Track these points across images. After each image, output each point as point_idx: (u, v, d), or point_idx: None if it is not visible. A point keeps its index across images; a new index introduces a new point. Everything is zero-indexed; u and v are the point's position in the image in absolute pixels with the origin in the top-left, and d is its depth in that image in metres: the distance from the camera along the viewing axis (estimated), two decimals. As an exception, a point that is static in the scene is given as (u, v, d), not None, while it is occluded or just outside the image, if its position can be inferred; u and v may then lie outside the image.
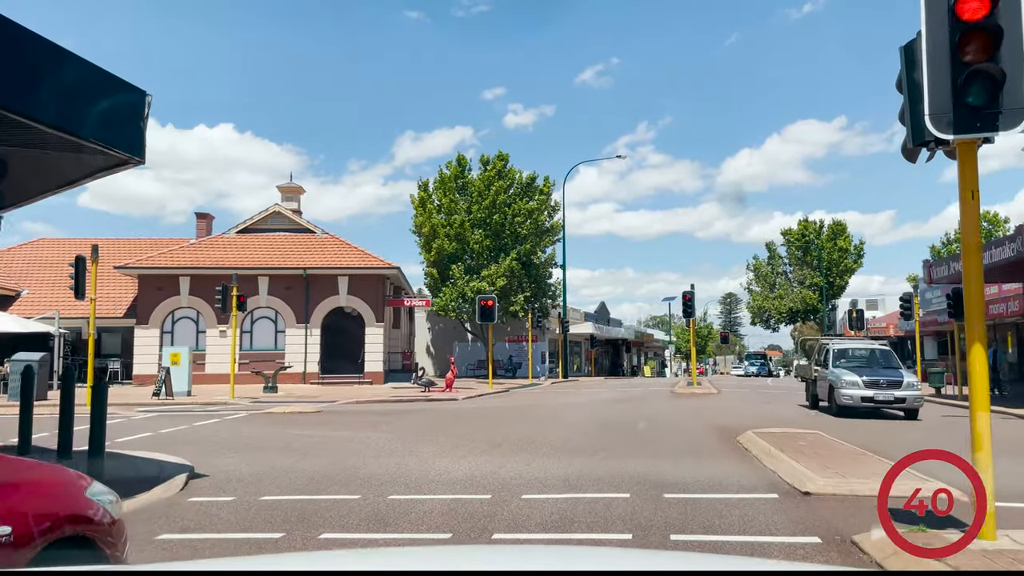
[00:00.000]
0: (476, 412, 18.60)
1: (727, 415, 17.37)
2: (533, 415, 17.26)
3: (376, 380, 32.64)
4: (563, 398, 24.77)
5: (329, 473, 9.71)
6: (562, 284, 48.77)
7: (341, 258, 33.41)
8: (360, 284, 32.99)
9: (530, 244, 45.14)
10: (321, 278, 32.86)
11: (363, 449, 11.81)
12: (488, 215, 44.39)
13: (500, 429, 14.39)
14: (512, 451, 11.30)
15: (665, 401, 22.85)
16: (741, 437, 12.06)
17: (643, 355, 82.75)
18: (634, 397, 25.10)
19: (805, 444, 10.50)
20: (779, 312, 67.94)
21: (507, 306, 44.01)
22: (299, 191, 37.89)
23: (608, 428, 14.54)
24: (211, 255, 33.08)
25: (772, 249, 70.52)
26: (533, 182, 46.89)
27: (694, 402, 22.17)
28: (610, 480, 8.72)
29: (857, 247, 67.74)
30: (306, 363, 32.53)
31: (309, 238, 35.00)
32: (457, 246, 44.17)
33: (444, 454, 11.07)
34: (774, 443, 10.53)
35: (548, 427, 14.74)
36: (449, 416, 17.54)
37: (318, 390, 29.35)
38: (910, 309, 29.27)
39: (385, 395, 26.23)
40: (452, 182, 46.17)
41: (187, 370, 25.65)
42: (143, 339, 31.94)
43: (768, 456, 9.59)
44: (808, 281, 66.83)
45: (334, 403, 23.30)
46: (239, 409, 20.53)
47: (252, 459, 10.98)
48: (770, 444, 10.39)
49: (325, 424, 15.96)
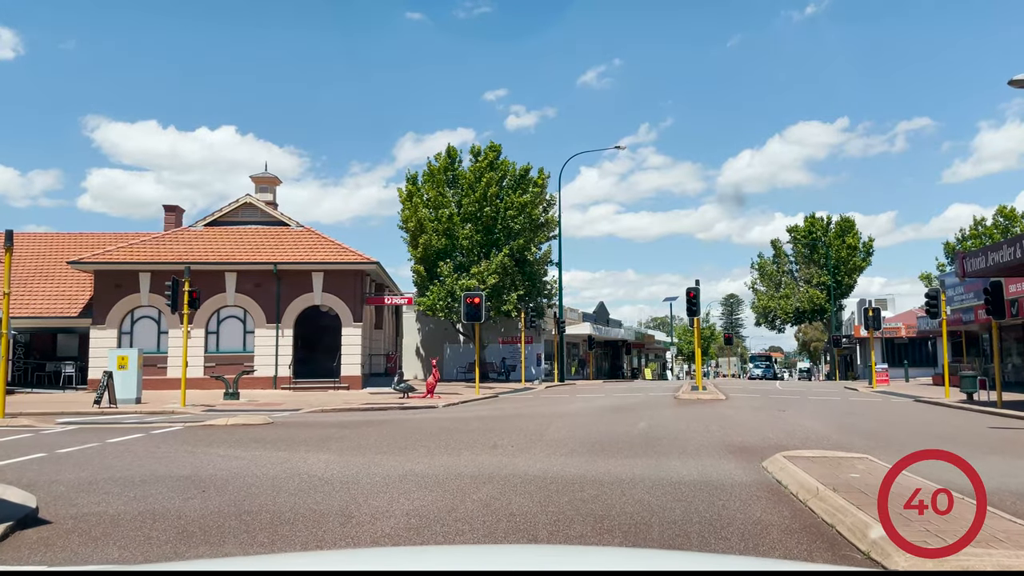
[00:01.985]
0: (449, 425, 15.98)
1: (742, 428, 14.76)
2: (512, 430, 14.64)
3: (353, 385, 30.03)
4: (554, 406, 22.17)
5: (220, 519, 7.12)
6: (558, 282, 46.17)
7: (315, 252, 30.81)
8: (336, 280, 30.39)
9: (523, 240, 42.55)
10: (293, 274, 30.26)
11: (286, 479, 9.21)
12: (479, 208, 41.83)
13: (466, 454, 11.80)
14: (474, 483, 8.71)
15: (668, 409, 20.24)
16: (768, 463, 9.45)
17: (644, 357, 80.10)
18: (633, 405, 22.50)
19: (859, 476, 7.88)
20: (785, 312, 65.29)
21: (499, 305, 41.41)
22: (274, 182, 35.29)
23: (599, 450, 11.94)
24: (175, 249, 30.49)
25: (778, 247, 67.91)
26: (527, 174, 44.31)
27: (701, 410, 19.55)
28: (596, 528, 6.12)
29: (866, 244, 65.16)
30: (277, 366, 29.92)
31: (282, 231, 32.41)
32: (446, 242, 41.59)
33: (382, 489, 8.48)
34: (818, 474, 7.92)
35: (525, 450, 12.14)
36: (415, 430, 14.93)
37: (287, 396, 26.74)
38: (937, 307, 26.66)
39: (358, 402, 23.63)
40: (441, 174, 43.61)
41: (136, 375, 23.04)
42: (99, 340, 29.32)
43: (816, 498, 6.97)
44: (815, 280, 64.21)
45: (296, 412, 20.73)
46: (180, 420, 17.92)
47: (134, 494, 8.41)
48: (813, 477, 7.77)
49: (263, 441, 13.36)
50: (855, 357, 69.90)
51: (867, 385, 37.70)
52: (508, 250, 41.60)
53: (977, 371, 29.86)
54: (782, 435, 13.66)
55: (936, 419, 18.91)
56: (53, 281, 32.00)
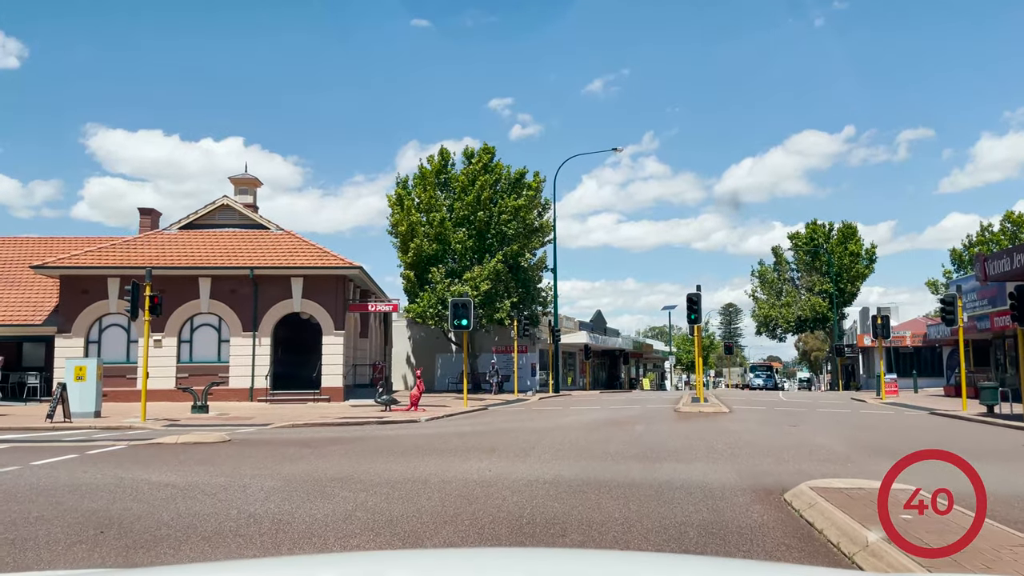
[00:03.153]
0: (425, 443, 14.34)
1: (752, 448, 13.13)
2: (492, 450, 13.01)
3: (335, 397, 28.37)
4: (545, 420, 20.52)
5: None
6: (553, 289, 44.55)
7: (295, 256, 29.19)
8: (317, 286, 28.76)
9: (518, 245, 41.00)
10: (271, 279, 28.63)
11: (207, 517, 7.58)
12: (472, 212, 40.28)
13: (434, 483, 10.22)
14: (434, 524, 7.08)
15: (668, 425, 18.62)
16: (793, 496, 7.84)
17: (642, 367, 78.44)
18: (630, 419, 20.88)
19: (911, 519, 6.26)
20: (787, 321, 63.68)
21: (492, 313, 39.82)
22: (254, 184, 33.70)
23: (589, 478, 10.33)
24: (146, 253, 28.86)
25: (779, 254, 66.34)
26: (522, 178, 42.78)
27: (704, 426, 17.93)
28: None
29: (869, 251, 63.63)
30: (253, 377, 28.25)
31: (261, 235, 30.80)
32: (437, 247, 40.01)
33: (320, 532, 6.85)
34: (860, 515, 6.31)
35: (501, 478, 10.53)
36: (385, 450, 13.30)
37: (262, 410, 25.09)
38: (953, 313, 25.06)
39: (335, 416, 21.99)
40: (433, 177, 42.06)
41: (94, 386, 21.39)
42: (65, 350, 27.61)
43: (867, 553, 5.34)
44: (817, 288, 62.64)
45: (264, 427, 19.09)
46: (131, 438, 16.26)
47: (13, 536, 6.79)
48: (856, 519, 6.16)
49: (210, 463, 11.72)
50: (857, 367, 68.30)
51: (875, 396, 36.09)
52: (502, 256, 40.04)
53: (994, 382, 28.26)
54: (799, 456, 12.04)
55: (961, 435, 17.29)
56: (19, 287, 30.36)
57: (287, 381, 29.49)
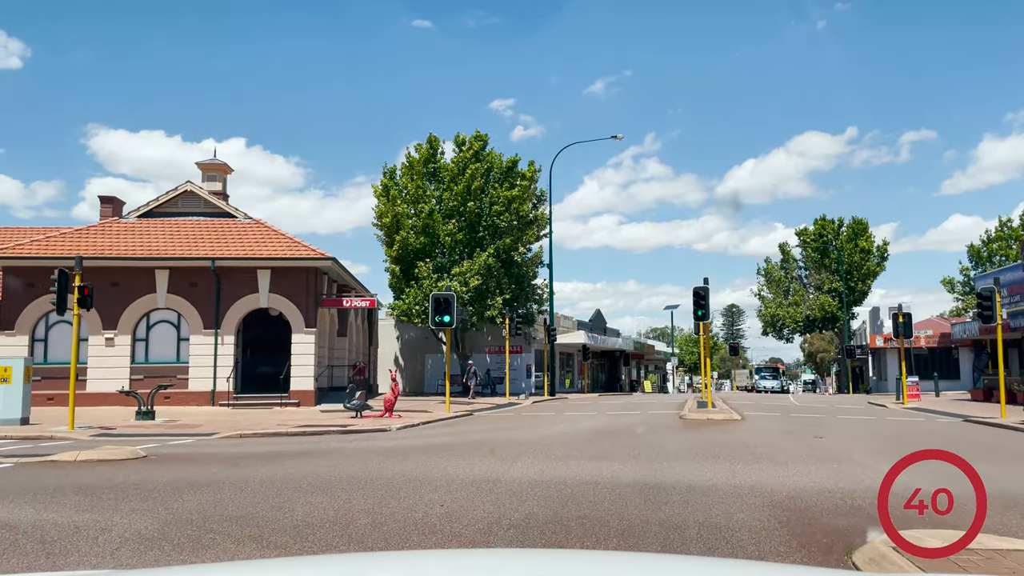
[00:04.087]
0: (379, 463, 11.74)
1: (781, 468, 10.49)
2: (456, 475, 10.41)
3: (305, 401, 25.76)
4: (531, 428, 17.91)
5: None
6: (549, 286, 41.91)
7: (262, 247, 26.59)
8: (286, 279, 26.16)
9: (511, 238, 38.39)
10: (235, 272, 26.03)
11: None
12: (461, 203, 37.68)
13: (353, 538, 7.62)
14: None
15: (673, 435, 16.01)
16: (871, 562, 5.21)
17: (643, 368, 75.80)
18: (629, 427, 18.26)
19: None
20: (794, 321, 60.96)
21: (482, 311, 37.21)
22: (224, 170, 31.09)
23: (571, 523, 7.73)
24: (98, 243, 26.28)
25: (786, 251, 63.63)
26: (515, 166, 40.18)
27: (716, 437, 15.31)
28: None
29: (880, 248, 60.95)
30: (215, 379, 25.65)
31: (227, 224, 28.21)
32: (425, 240, 37.41)
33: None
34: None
35: (460, 516, 7.93)
36: (328, 472, 10.68)
37: (220, 415, 22.50)
38: (991, 309, 22.41)
39: (296, 423, 19.41)
40: (421, 166, 39.46)
41: (20, 390, 18.82)
42: (7, 348, 25.02)
43: None
44: (827, 286, 59.95)
45: (207, 438, 16.53)
46: (34, 452, 13.66)
47: None
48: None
49: (90, 491, 9.13)
50: (866, 369, 65.60)
51: (896, 401, 33.44)
52: (493, 250, 37.43)
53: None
54: (841, 480, 9.42)
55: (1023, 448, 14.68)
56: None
57: (254, 384, 26.93)
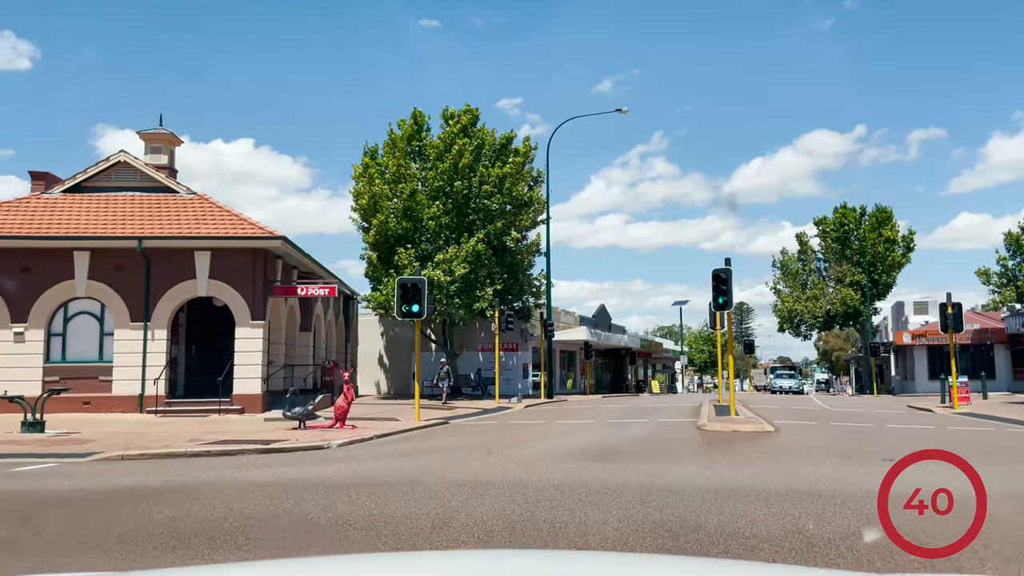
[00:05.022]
0: (264, 511, 7.72)
1: (868, 516, 6.41)
2: (367, 534, 6.40)
3: (251, 407, 21.76)
4: (505, 450, 13.83)
5: None
6: (546, 277, 37.85)
7: (201, 225, 22.60)
8: (228, 263, 22.15)
9: (503, 222, 34.36)
10: (168, 255, 22.04)
11: None
12: (447, 182, 33.67)
13: None
14: None
15: (692, 457, 11.98)
16: None
17: (651, 368, 71.64)
18: (634, 444, 14.20)
19: None
20: (813, 316, 56.67)
21: (470, 303, 33.22)
22: (170, 141, 27.07)
23: None
24: (7, 221, 22.32)
25: (804, 242, 59.23)
26: (509, 143, 36.16)
27: (757, 469, 11.23)
28: None
29: (906, 238, 56.59)
30: (144, 382, 21.66)
31: (163, 199, 24.20)
32: (407, 225, 33.40)
33: None
34: None
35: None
36: (153, 533, 6.66)
37: (142, 426, 18.50)
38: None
39: (219, 437, 15.43)
40: (404, 143, 35.48)
41: None
42: None
43: None
44: (848, 279, 55.66)
45: (82, 459, 12.61)
46: None
47: None
48: None
49: None
50: (888, 368, 61.27)
51: (942, 404, 29.25)
52: (483, 235, 33.40)
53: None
54: (987, 550, 5.36)
55: None
56: None
57: (197, 386, 22.99)
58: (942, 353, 52.71)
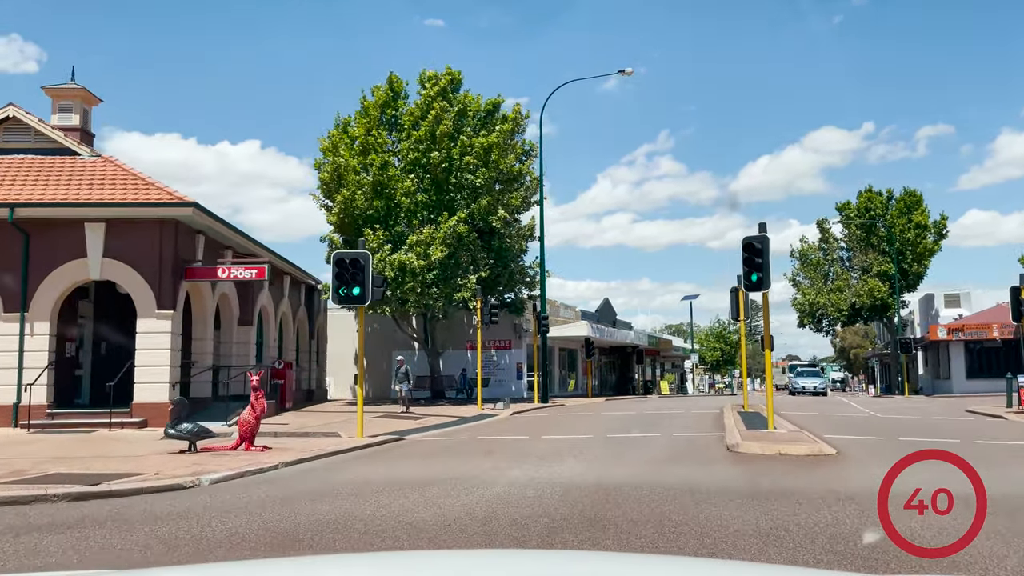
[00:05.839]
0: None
1: None
2: None
3: (156, 419, 17.12)
4: (453, 490, 9.20)
5: None
6: (540, 263, 33.19)
7: (94, 190, 18.03)
8: (128, 238, 17.53)
9: (488, 200, 29.70)
10: (52, 227, 17.45)
11: None
12: (424, 153, 29.08)
13: None
14: None
15: (738, 513, 7.34)
16: None
17: (660, 367, 66.88)
18: (641, 493, 9.50)
19: None
20: (837, 309, 51.86)
21: (450, 292, 28.64)
22: (84, 98, 22.33)
23: None
24: None
25: (825, 229, 54.37)
26: (495, 110, 31.57)
27: (838, 515, 6.63)
28: None
29: (938, 223, 51.77)
30: (20, 387, 17.08)
31: (60, 162, 19.61)
32: (378, 203, 28.81)
33: None
34: None
35: None
36: None
37: (3, 444, 13.92)
38: None
39: (61, 464, 10.86)
40: (378, 112, 30.90)
41: None
42: None
43: None
44: (875, 268, 50.85)
45: None
46: None
47: None
48: None
49: None
50: (915, 366, 56.40)
51: (1009, 408, 24.49)
52: (465, 214, 28.77)
53: None
54: None
55: None
56: None
57: (97, 393, 18.46)
58: (983, 350, 47.96)
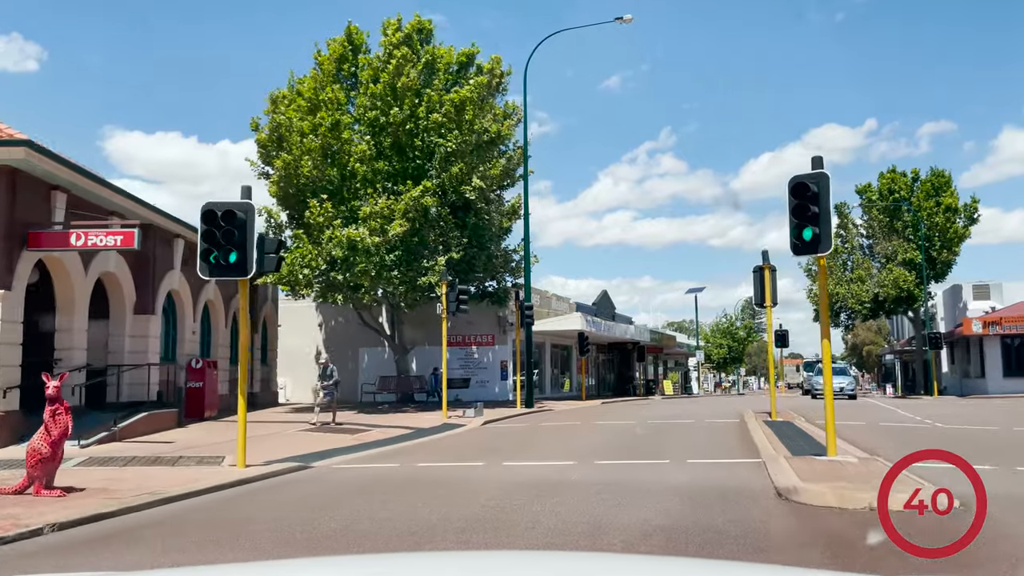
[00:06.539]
0: None
1: None
2: None
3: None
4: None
5: None
6: (524, 246, 28.42)
7: None
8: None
9: (461, 168, 24.95)
10: None
11: None
12: (383, 111, 24.41)
13: None
14: None
15: None
16: None
17: (662, 364, 62.16)
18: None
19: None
20: (859, 301, 47.06)
21: (414, 276, 23.94)
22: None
23: None
24: None
25: (844, 214, 49.49)
26: (470, 62, 26.89)
27: None
28: None
29: (969, 207, 46.98)
30: None
31: None
32: (330, 171, 24.15)
33: None
34: None
35: None
36: None
37: None
38: None
39: None
40: (333, 66, 26.25)
41: None
42: None
43: None
44: (900, 256, 46.08)
45: None
46: None
47: None
48: None
49: None
50: (938, 363, 51.57)
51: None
52: (433, 185, 24.07)
53: None
54: None
55: None
56: None
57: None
58: (1021, 343, 43.36)
